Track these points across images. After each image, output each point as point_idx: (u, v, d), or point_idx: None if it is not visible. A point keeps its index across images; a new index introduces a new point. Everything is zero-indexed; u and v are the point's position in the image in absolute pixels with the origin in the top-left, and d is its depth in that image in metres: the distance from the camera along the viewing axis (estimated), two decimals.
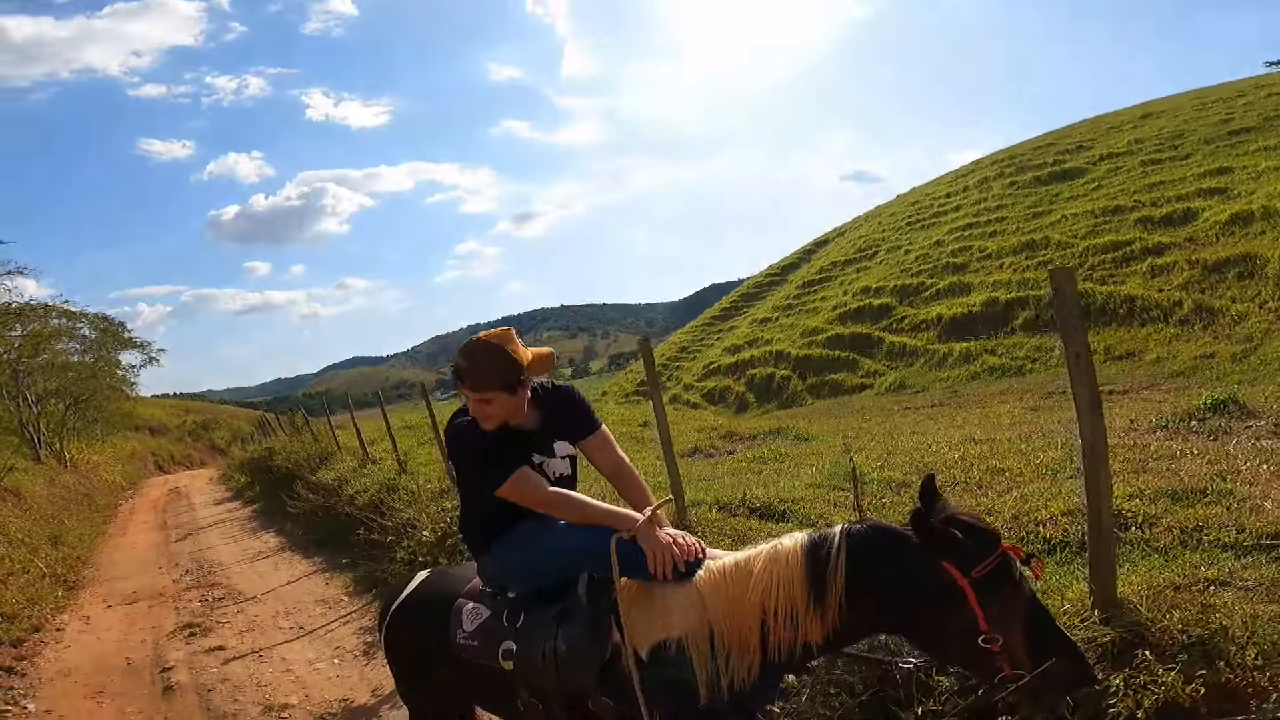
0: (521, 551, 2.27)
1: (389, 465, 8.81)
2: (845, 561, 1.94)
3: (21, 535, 9.38)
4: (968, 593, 1.82)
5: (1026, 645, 1.82)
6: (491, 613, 2.32)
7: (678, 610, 2.09)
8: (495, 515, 2.28)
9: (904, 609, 1.93)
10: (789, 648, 1.99)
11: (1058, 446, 4.69)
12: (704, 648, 2.04)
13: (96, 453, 20.94)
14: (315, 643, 5.33)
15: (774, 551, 2.06)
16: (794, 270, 26.09)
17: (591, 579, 2.24)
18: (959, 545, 1.85)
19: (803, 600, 1.97)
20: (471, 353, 2.19)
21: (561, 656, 2.14)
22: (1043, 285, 14.41)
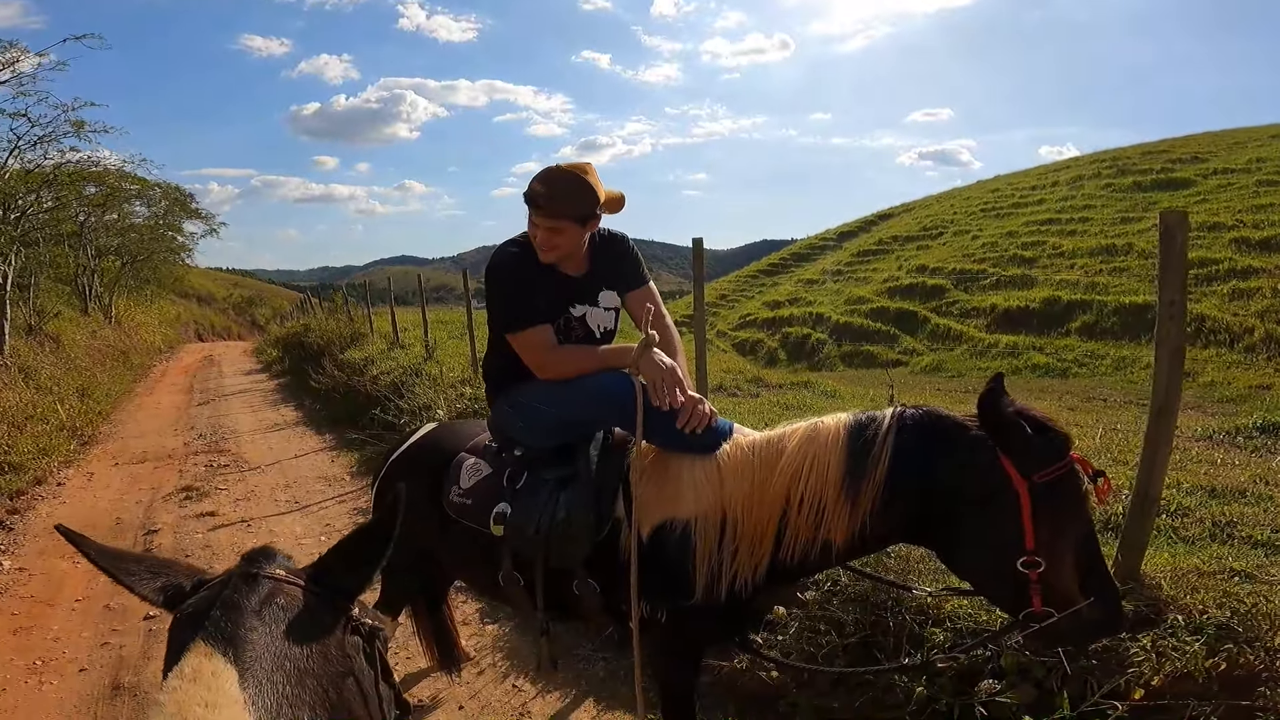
0: (536, 396, 2.12)
1: (417, 351, 8.89)
2: (893, 447, 1.71)
3: (51, 383, 9.52)
4: (1022, 500, 1.59)
5: (1071, 577, 1.61)
6: (492, 470, 2.21)
7: (690, 488, 1.91)
8: (515, 357, 2.14)
9: (945, 511, 1.69)
10: (805, 548, 1.79)
11: (1095, 437, 4.48)
12: (712, 536, 1.86)
13: (142, 313, 21.54)
14: (307, 518, 5.33)
15: (813, 430, 1.84)
16: (851, 238, 25.51)
17: (606, 441, 2.11)
18: (1025, 440, 1.61)
19: (835, 489, 1.74)
20: (551, 178, 2.01)
21: (557, 524, 2.01)
22: (1112, 291, 13.94)
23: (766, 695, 2.68)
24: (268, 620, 0.88)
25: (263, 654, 0.84)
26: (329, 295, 16.83)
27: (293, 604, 0.93)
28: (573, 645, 3.24)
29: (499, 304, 2.12)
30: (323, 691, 0.87)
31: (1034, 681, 2.13)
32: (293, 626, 0.89)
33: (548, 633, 2.20)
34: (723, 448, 1.93)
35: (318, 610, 0.95)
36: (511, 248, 2.13)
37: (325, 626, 0.94)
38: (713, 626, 1.95)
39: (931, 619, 2.49)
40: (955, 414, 1.76)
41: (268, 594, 0.91)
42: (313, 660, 0.88)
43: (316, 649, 0.90)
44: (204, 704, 0.75)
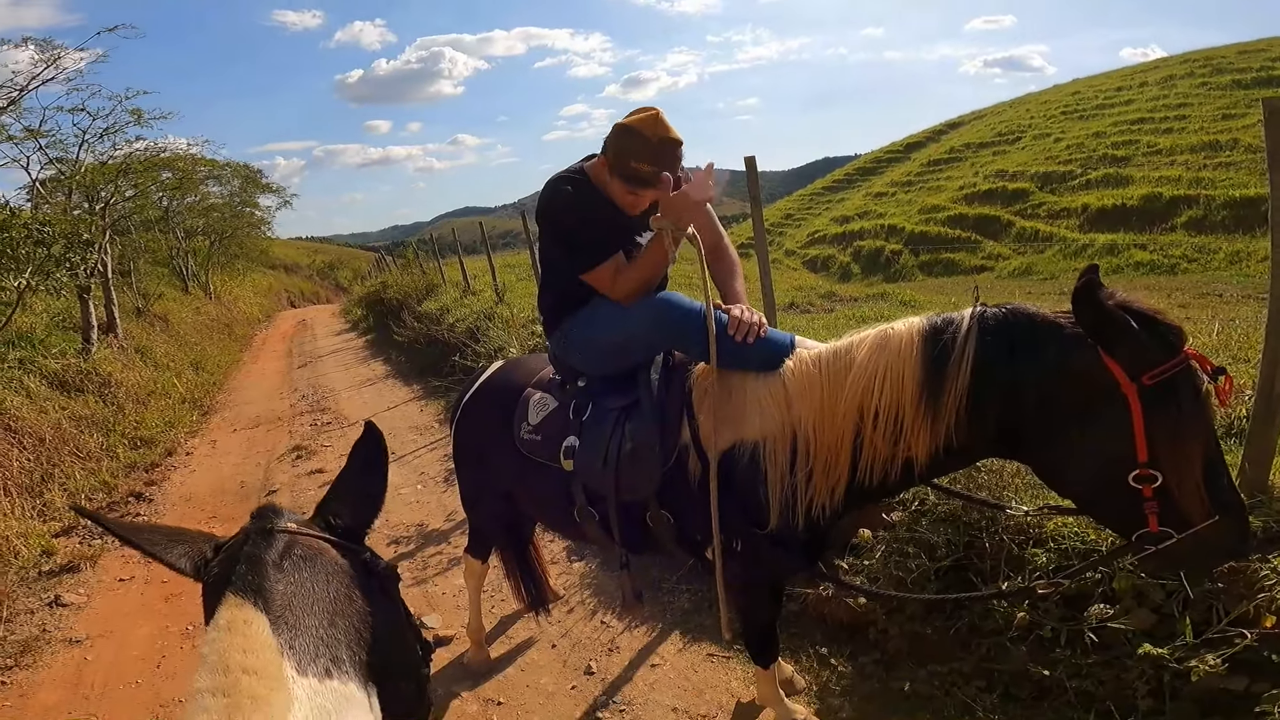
0: (600, 326, 2.07)
1: (488, 297, 9.06)
2: (975, 350, 1.53)
3: (167, 360, 10.06)
4: (1132, 404, 1.39)
5: (1192, 491, 1.40)
6: (559, 404, 2.18)
7: (755, 408, 1.81)
8: (572, 290, 2.09)
9: (1040, 420, 1.50)
10: (884, 467, 1.66)
11: (1211, 333, 4.11)
12: (783, 458, 1.76)
13: (238, 286, 22.69)
14: (403, 469, 5.53)
15: (883, 338, 1.67)
16: (919, 149, 24.22)
17: (667, 363, 2.05)
18: (1133, 336, 1.40)
19: (912, 401, 1.58)
20: (665, 154, 1.88)
21: (625, 454, 1.97)
22: (1220, 185, 12.78)
23: (855, 623, 2.65)
24: (288, 570, 0.91)
25: (291, 601, 0.87)
26: (401, 252, 17.24)
27: (310, 552, 0.96)
28: (658, 578, 3.28)
29: (565, 243, 2.06)
30: (355, 631, 0.91)
31: (1151, 606, 1.97)
32: (315, 573, 0.93)
33: (627, 566, 2.19)
34: (786, 364, 1.81)
35: (334, 556, 0.98)
36: (565, 186, 2.04)
37: (343, 570, 0.97)
38: (792, 555, 1.87)
39: (1033, 539, 2.34)
40: (1045, 310, 1.56)
41: (285, 546, 0.94)
42: (339, 602, 0.92)
43: (341, 591, 0.94)
44: (242, 650, 0.79)
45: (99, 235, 8.89)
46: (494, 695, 2.75)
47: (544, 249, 2.17)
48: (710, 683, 2.63)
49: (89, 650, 3.49)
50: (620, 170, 1.93)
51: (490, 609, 3.30)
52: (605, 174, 2.01)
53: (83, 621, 3.77)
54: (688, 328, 1.90)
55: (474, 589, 2.87)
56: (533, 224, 8.23)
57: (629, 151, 1.89)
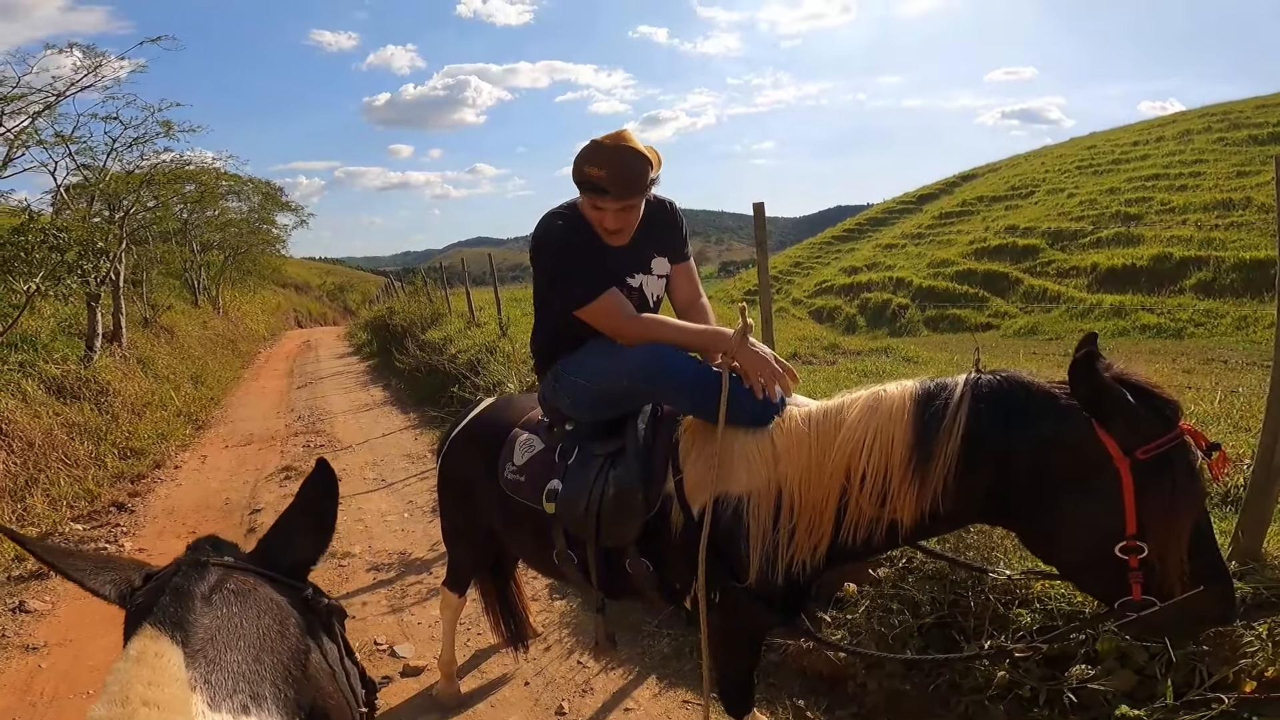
0: (587, 371, 2.04)
1: (491, 329, 9.09)
2: (967, 418, 1.51)
3: (168, 372, 10.11)
4: (1124, 479, 1.38)
5: (1178, 563, 1.38)
6: (545, 446, 2.16)
7: (742, 463, 1.78)
8: (565, 330, 2.07)
9: (1030, 490, 1.49)
10: (869, 528, 1.63)
11: (1213, 401, 4.06)
12: (766, 515, 1.74)
13: (247, 302, 22.92)
14: (391, 496, 5.52)
15: (875, 399, 1.65)
16: (931, 201, 24.45)
17: (655, 412, 2.02)
18: (1128, 410, 1.39)
19: (901, 466, 1.56)
20: (608, 159, 1.86)
21: (607, 501, 1.94)
22: (1230, 246, 12.81)
23: (834, 675, 2.57)
24: (218, 604, 0.89)
25: (214, 635, 0.84)
26: (410, 279, 17.39)
27: (244, 588, 0.93)
28: (638, 621, 3.20)
29: (554, 280, 2.04)
30: (283, 668, 0.88)
31: (1134, 668, 1.92)
32: (244, 608, 0.90)
33: (603, 610, 2.15)
34: (775, 420, 1.79)
35: (270, 592, 0.96)
36: (557, 220, 2.02)
37: (278, 606, 0.95)
38: (771, 608, 1.83)
39: (1018, 599, 2.29)
40: (1041, 379, 1.54)
41: (217, 580, 0.92)
42: (268, 639, 0.89)
43: (272, 628, 0.91)
44: (147, 683, 0.76)
45: (114, 244, 8.99)
46: None
47: (538, 287, 2.16)
48: None
49: (45, 658, 3.44)
50: (577, 178, 1.92)
51: (465, 642, 3.23)
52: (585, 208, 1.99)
53: (44, 629, 3.72)
54: (682, 381, 1.87)
55: (449, 621, 2.81)
56: None
57: (584, 158, 1.89)
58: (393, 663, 3.16)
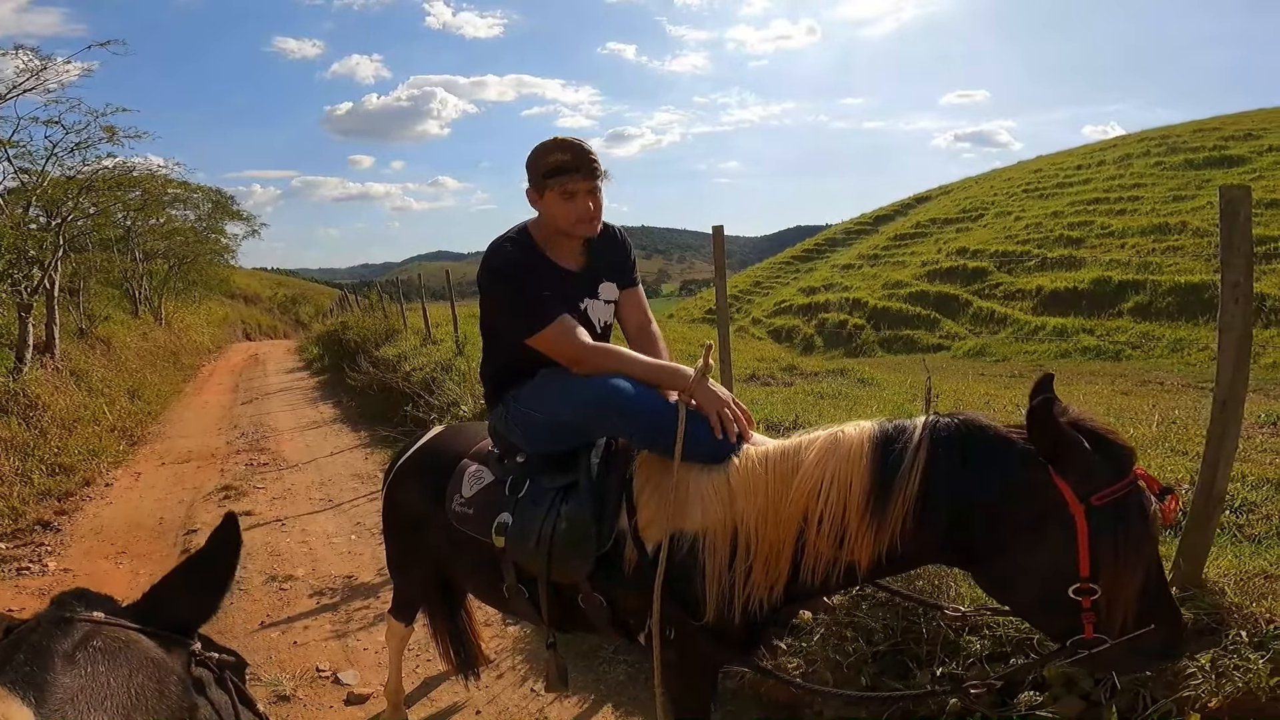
0: (538, 402, 1.99)
1: (448, 347, 8.94)
2: (925, 463, 1.52)
3: (102, 385, 9.64)
4: (1079, 525, 1.39)
5: (1130, 604, 1.40)
6: (495, 479, 2.10)
7: (697, 500, 1.76)
8: (516, 360, 2.02)
9: (985, 535, 1.50)
10: (826, 569, 1.62)
11: (1150, 425, 4.21)
12: (723, 554, 1.71)
13: (191, 314, 22.07)
14: (339, 517, 5.34)
15: (833, 441, 1.64)
16: (887, 222, 25.08)
17: (609, 447, 1.98)
18: (1084, 457, 1.41)
19: (858, 509, 1.56)
20: (567, 144, 1.89)
21: (559, 536, 1.89)
22: (1166, 270, 13.38)
23: (791, 703, 2.55)
24: (82, 663, 0.82)
25: (74, 696, 0.77)
26: (366, 293, 17.05)
27: (114, 645, 0.86)
28: (593, 648, 3.15)
29: (503, 308, 2.00)
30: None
31: (1080, 694, 1.96)
32: (113, 666, 0.84)
33: (554, 646, 2.10)
34: (732, 459, 1.77)
35: (148, 649, 0.89)
36: (506, 245, 1.99)
37: (158, 664, 0.89)
38: (727, 646, 1.80)
39: (969, 626, 2.32)
40: (997, 424, 1.56)
41: (83, 637, 0.85)
42: (144, 699, 0.83)
43: (149, 687, 0.85)
44: None
45: (48, 254, 8.63)
46: None
47: (487, 316, 2.11)
48: None
49: None
50: (542, 172, 1.90)
51: (414, 669, 3.13)
52: (543, 229, 1.99)
53: None
54: (638, 414, 1.83)
55: (395, 650, 2.72)
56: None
57: (544, 150, 1.91)
58: (336, 690, 3.05)
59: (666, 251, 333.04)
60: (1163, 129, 22.67)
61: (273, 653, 3.37)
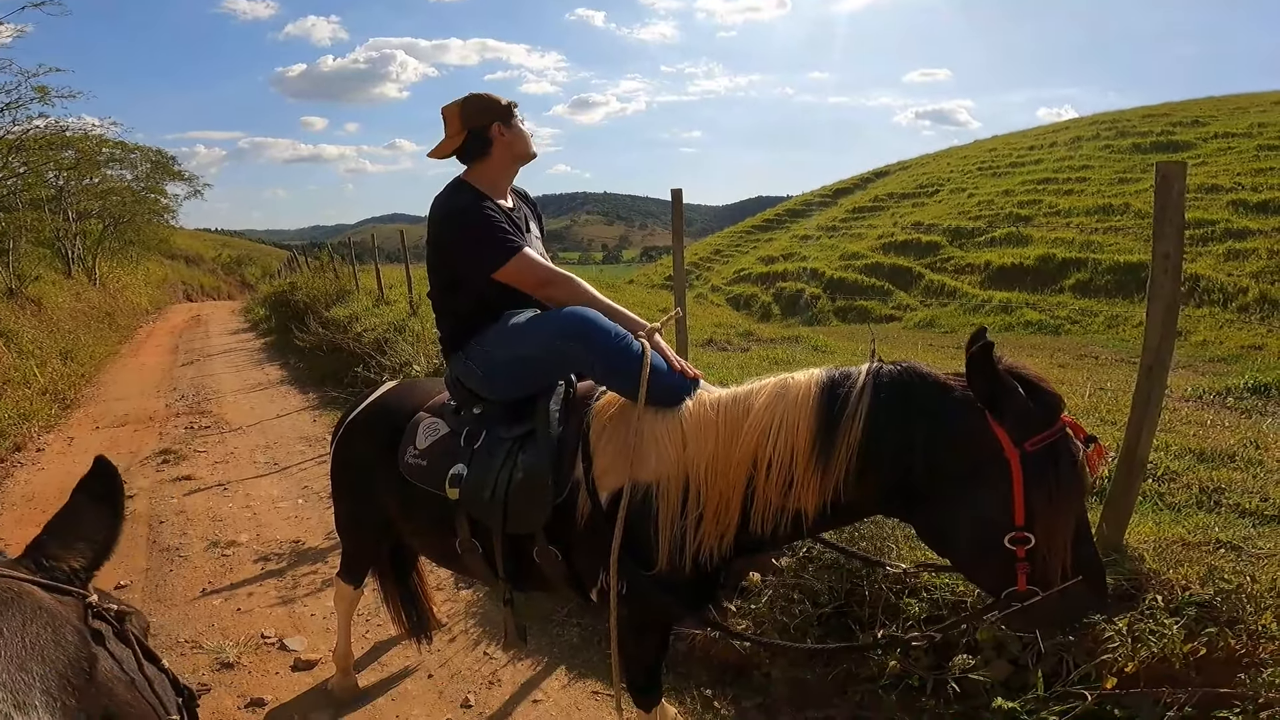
0: (501, 342, 2.01)
1: (401, 308, 8.79)
2: (868, 407, 1.55)
3: (33, 347, 9.28)
4: (1014, 471, 1.43)
5: (1061, 554, 1.45)
6: (450, 430, 2.10)
7: (653, 448, 1.78)
8: (476, 308, 2.05)
9: (924, 481, 1.53)
10: (775, 517, 1.65)
11: (1084, 396, 4.39)
12: (675, 501, 1.73)
13: (128, 274, 21.14)
14: (285, 480, 5.24)
15: (782, 387, 1.68)
16: (846, 195, 25.32)
17: (568, 395, 2.00)
18: (1020, 404, 1.45)
19: (805, 453, 1.58)
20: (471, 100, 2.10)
21: (515, 486, 1.90)
22: (1107, 250, 13.85)
23: (741, 664, 2.63)
24: None
25: None
26: (316, 254, 16.54)
27: (6, 595, 0.87)
28: (547, 611, 3.18)
29: (469, 248, 2.01)
30: (58, 677, 0.82)
31: (1009, 658, 2.06)
32: (7, 618, 0.84)
33: (510, 602, 2.10)
34: (685, 404, 1.80)
35: (40, 599, 0.89)
36: (460, 192, 2.07)
37: (52, 614, 0.89)
38: (679, 598, 1.83)
39: (908, 589, 2.41)
40: (937, 372, 1.60)
41: None
42: (39, 647, 0.83)
43: (44, 636, 0.85)
44: None
45: None
46: None
47: (444, 266, 2.10)
48: None
49: None
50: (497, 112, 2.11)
51: (364, 633, 3.12)
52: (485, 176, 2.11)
53: None
54: (605, 342, 1.86)
55: (344, 614, 2.71)
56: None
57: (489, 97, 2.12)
58: (283, 656, 3.02)
59: (628, 218, 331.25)
60: (1114, 113, 23.22)
61: (215, 620, 3.31)
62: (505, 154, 2.12)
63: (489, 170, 2.11)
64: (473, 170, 2.13)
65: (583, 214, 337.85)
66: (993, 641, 2.07)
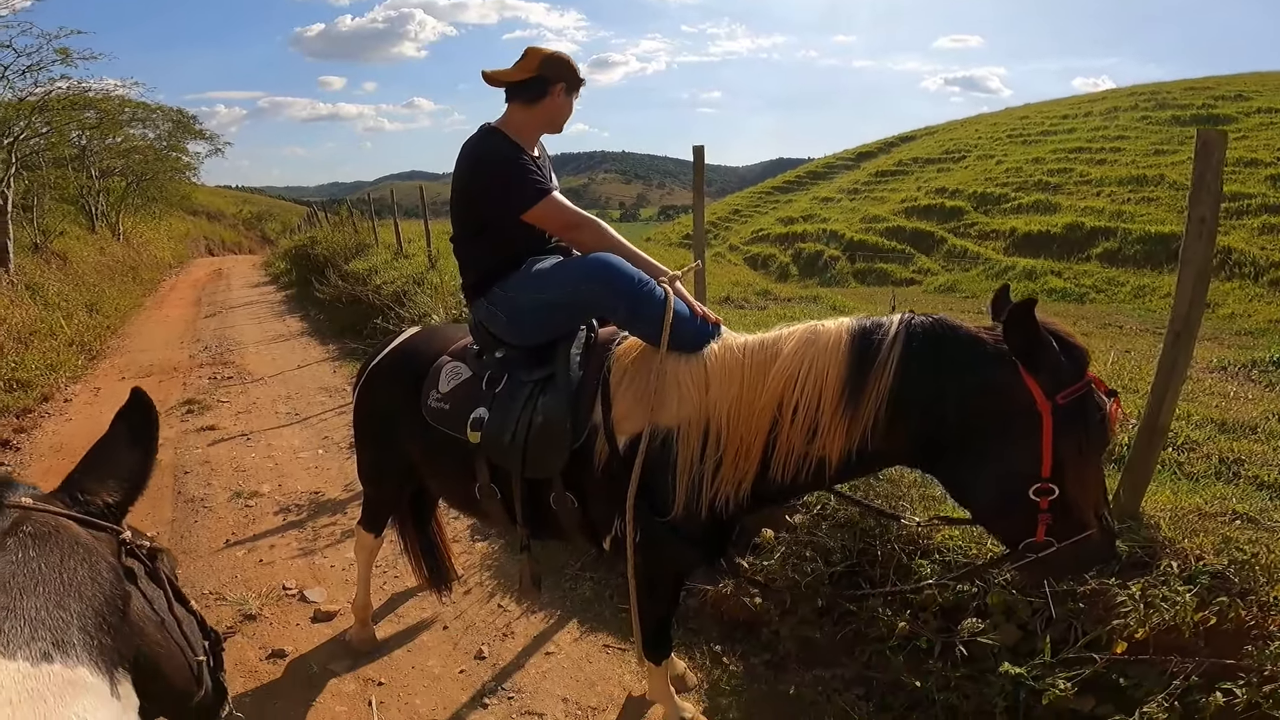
0: (525, 286, 2.02)
1: (420, 261, 8.83)
2: (900, 355, 1.55)
3: (59, 299, 9.42)
4: (1045, 423, 1.45)
5: (1084, 505, 1.48)
6: (472, 374, 2.12)
7: (675, 391, 1.78)
8: (502, 252, 2.05)
9: (954, 431, 1.54)
10: (797, 465, 1.65)
11: (1106, 363, 4.32)
12: (694, 445, 1.74)
13: (150, 230, 21.41)
14: (305, 431, 5.32)
15: (812, 333, 1.68)
16: (870, 159, 24.80)
17: (589, 339, 2.01)
18: (1053, 357, 1.47)
19: (833, 400, 1.58)
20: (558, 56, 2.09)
21: (535, 430, 1.91)
22: (1138, 220, 13.50)
23: (750, 622, 2.66)
24: (12, 548, 0.82)
25: (6, 581, 0.78)
26: (336, 209, 16.58)
27: (44, 530, 0.86)
28: (559, 565, 3.23)
29: (502, 186, 2.01)
30: (95, 614, 0.82)
31: (1018, 622, 2.06)
32: (44, 551, 0.84)
33: (528, 549, 2.13)
34: (710, 347, 1.80)
35: (77, 534, 0.89)
36: (492, 136, 2.06)
37: (88, 549, 0.88)
38: (693, 547, 1.85)
39: (920, 550, 2.42)
40: (969, 324, 1.61)
41: (13, 522, 0.85)
42: (75, 584, 0.83)
43: (81, 572, 0.85)
44: None
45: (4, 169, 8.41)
46: (375, 675, 2.65)
47: (470, 209, 2.09)
48: (603, 675, 2.60)
49: None
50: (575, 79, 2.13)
51: (382, 585, 3.19)
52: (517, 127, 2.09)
53: None
54: (629, 286, 1.87)
55: (364, 563, 2.76)
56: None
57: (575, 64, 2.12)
58: (303, 608, 3.09)
59: (646, 177, 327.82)
60: (1154, 85, 22.46)
61: (238, 572, 3.39)
62: (547, 113, 2.12)
63: (528, 120, 2.10)
64: (510, 116, 2.11)
65: (600, 172, 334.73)
66: (1003, 606, 2.08)
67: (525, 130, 2.11)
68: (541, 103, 2.09)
